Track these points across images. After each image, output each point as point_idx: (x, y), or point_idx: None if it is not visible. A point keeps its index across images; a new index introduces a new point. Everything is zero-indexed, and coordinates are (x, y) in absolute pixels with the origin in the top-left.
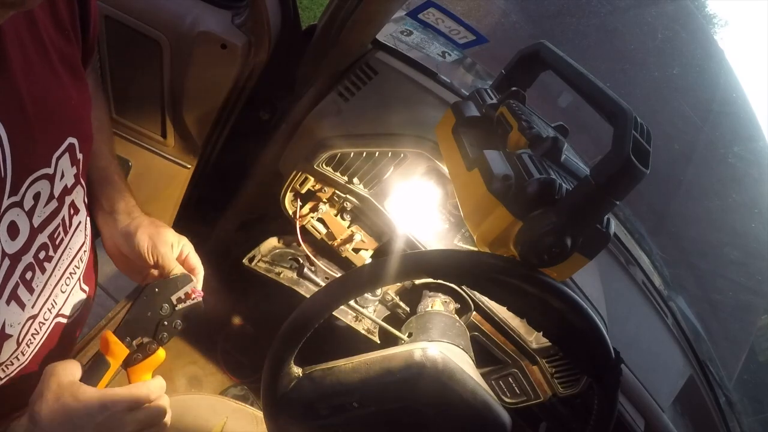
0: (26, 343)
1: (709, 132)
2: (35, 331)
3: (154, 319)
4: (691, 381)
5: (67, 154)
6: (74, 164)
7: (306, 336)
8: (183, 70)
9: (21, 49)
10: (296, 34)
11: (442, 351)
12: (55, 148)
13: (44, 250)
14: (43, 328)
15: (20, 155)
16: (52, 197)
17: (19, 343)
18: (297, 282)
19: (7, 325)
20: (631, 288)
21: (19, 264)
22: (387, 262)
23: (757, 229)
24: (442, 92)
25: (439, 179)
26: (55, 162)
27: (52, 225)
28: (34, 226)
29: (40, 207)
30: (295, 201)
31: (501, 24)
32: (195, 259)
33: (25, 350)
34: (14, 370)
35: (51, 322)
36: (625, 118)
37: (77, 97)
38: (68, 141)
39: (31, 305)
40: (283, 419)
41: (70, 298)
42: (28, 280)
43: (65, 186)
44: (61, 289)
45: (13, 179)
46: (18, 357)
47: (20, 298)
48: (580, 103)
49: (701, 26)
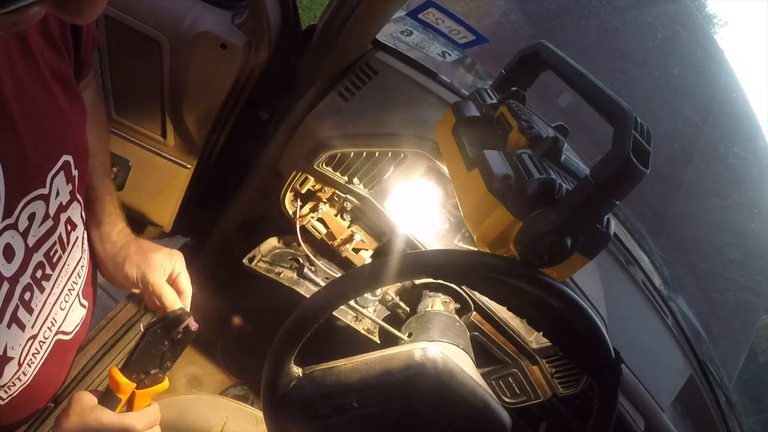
0: (27, 364)
1: (709, 132)
2: (36, 350)
3: (157, 355)
4: (691, 381)
5: (62, 173)
6: (69, 181)
7: (306, 336)
8: (183, 70)
9: (11, 67)
10: (296, 34)
11: (442, 351)
12: (49, 168)
13: (41, 269)
14: (44, 347)
15: (14, 178)
16: (48, 216)
17: (20, 365)
18: (297, 282)
19: (9, 348)
20: (631, 288)
21: (17, 286)
22: (387, 262)
23: (757, 229)
24: (442, 92)
25: (439, 179)
26: (50, 182)
27: (47, 243)
28: (28, 246)
29: (35, 227)
30: (295, 201)
31: (501, 24)
32: (185, 280)
33: (26, 371)
34: (16, 391)
35: (51, 340)
36: (625, 118)
37: (71, 114)
38: (63, 159)
39: (30, 325)
40: (283, 419)
41: (70, 314)
42: (27, 301)
43: (60, 204)
44: (60, 306)
45: (6, 202)
46: (20, 378)
47: (20, 319)
48: (580, 103)
49: (701, 26)
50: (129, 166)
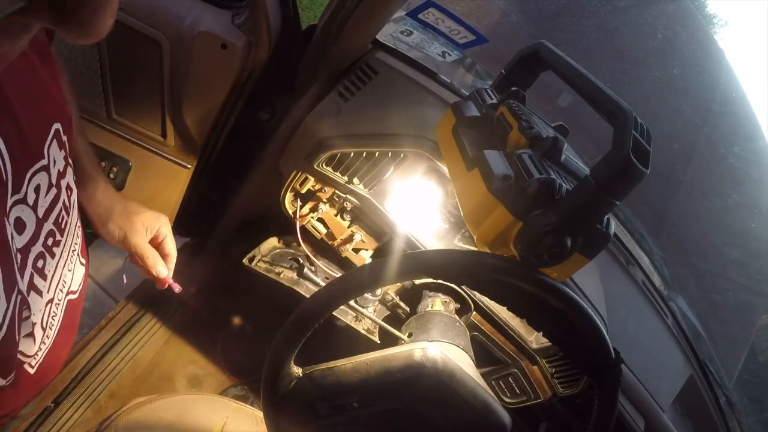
0: (49, 327)
1: (709, 132)
2: (53, 313)
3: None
4: (691, 381)
5: (55, 141)
6: (62, 148)
7: (306, 336)
8: (183, 70)
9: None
10: (296, 34)
11: (442, 351)
12: (44, 139)
13: (51, 237)
14: (59, 308)
15: (17, 154)
16: (51, 185)
17: (44, 329)
18: (297, 282)
19: (32, 315)
20: (631, 288)
21: (30, 255)
22: (387, 262)
23: (757, 229)
24: (442, 92)
25: (439, 179)
26: (47, 152)
27: (55, 211)
28: (39, 217)
29: (42, 198)
30: (295, 201)
31: (501, 24)
32: (170, 244)
33: (49, 333)
34: (42, 356)
35: (63, 301)
36: (625, 118)
37: (50, 79)
38: (54, 127)
39: (47, 290)
40: (283, 419)
41: (75, 274)
42: (40, 269)
43: (59, 171)
44: (68, 268)
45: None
46: (44, 341)
47: (37, 286)
48: (580, 103)
49: (701, 26)
50: (129, 166)
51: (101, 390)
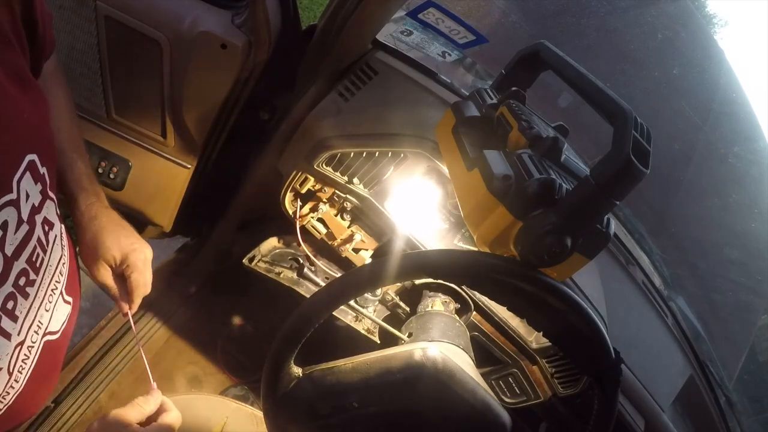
0: (18, 371)
1: (709, 132)
2: (25, 356)
3: None
4: (691, 381)
5: (28, 174)
6: (38, 181)
7: (306, 336)
8: (183, 70)
9: None
10: (296, 34)
11: (442, 351)
12: (13, 172)
13: (24, 276)
14: (33, 351)
15: None
16: (21, 221)
17: (10, 373)
18: (297, 282)
19: None
20: (631, 288)
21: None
22: (387, 262)
23: (757, 229)
24: (442, 92)
25: (439, 179)
26: (16, 186)
27: (28, 249)
28: (7, 255)
29: (11, 235)
30: (295, 201)
31: (501, 24)
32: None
33: (18, 377)
34: (11, 399)
35: (39, 343)
36: (625, 118)
37: (30, 109)
38: (27, 159)
39: (16, 333)
40: (283, 419)
41: (55, 313)
42: (10, 310)
43: (33, 206)
44: (45, 308)
45: None
46: (12, 386)
47: (4, 329)
48: (580, 103)
49: (701, 26)
50: (129, 166)
51: (101, 390)
